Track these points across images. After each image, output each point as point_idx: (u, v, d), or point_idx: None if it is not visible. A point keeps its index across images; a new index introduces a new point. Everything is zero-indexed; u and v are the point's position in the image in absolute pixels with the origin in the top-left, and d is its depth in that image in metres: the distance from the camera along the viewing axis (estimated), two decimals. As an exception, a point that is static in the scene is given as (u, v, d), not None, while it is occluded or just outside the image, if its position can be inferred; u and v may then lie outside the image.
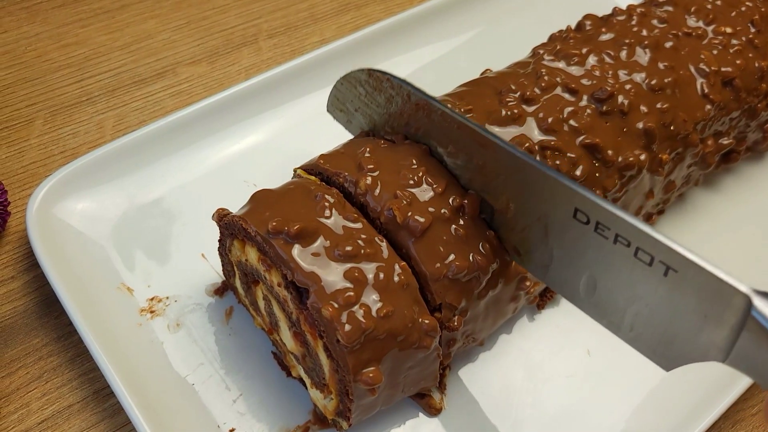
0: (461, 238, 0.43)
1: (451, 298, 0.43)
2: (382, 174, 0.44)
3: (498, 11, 0.73)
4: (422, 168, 0.44)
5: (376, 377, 0.39)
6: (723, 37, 0.54)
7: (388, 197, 0.43)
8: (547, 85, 0.49)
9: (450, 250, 0.43)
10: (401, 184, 0.44)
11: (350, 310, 0.39)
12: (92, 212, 0.54)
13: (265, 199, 0.44)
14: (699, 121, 0.52)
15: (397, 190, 0.43)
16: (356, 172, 0.44)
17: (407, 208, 0.42)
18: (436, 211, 0.43)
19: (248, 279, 0.47)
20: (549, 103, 0.48)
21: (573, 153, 0.47)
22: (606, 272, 0.40)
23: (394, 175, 0.44)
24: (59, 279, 0.48)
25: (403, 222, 0.42)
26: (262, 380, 0.48)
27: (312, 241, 0.41)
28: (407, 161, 0.45)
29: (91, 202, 0.54)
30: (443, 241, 0.43)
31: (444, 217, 0.43)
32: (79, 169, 0.54)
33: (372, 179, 0.44)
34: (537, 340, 0.52)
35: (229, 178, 0.58)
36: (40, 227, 0.51)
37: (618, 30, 0.54)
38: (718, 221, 0.60)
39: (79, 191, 0.54)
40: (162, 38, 0.70)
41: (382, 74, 0.48)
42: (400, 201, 0.43)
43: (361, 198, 0.44)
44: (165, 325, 0.50)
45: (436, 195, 0.44)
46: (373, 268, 0.41)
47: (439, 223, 0.43)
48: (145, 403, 0.44)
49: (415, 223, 0.42)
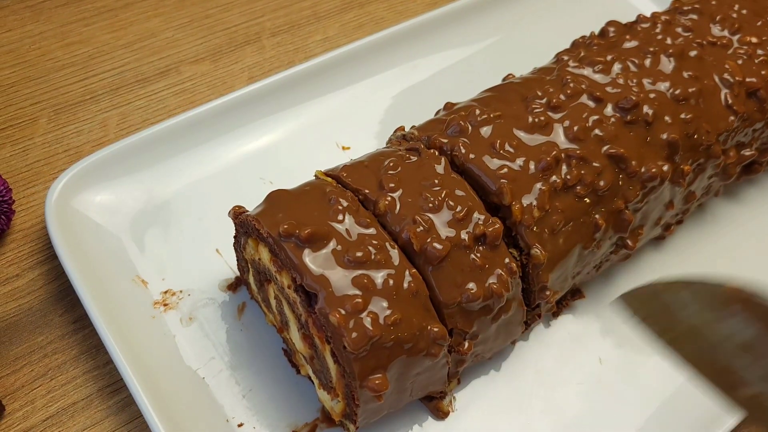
0: (479, 266, 0.43)
1: (463, 324, 0.43)
2: (403, 195, 0.44)
3: (517, 17, 0.72)
4: (445, 189, 0.44)
5: (383, 384, 0.39)
6: (748, 47, 0.53)
7: (407, 222, 0.43)
8: (573, 92, 0.49)
9: (467, 279, 0.42)
10: (421, 207, 0.43)
11: (358, 317, 0.39)
12: (110, 205, 0.55)
13: (279, 200, 0.45)
14: (722, 132, 0.51)
15: (416, 215, 0.43)
16: (377, 191, 0.44)
17: (425, 234, 0.42)
18: (456, 237, 0.43)
19: (261, 277, 0.48)
20: (575, 112, 0.48)
21: (598, 162, 0.47)
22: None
23: (414, 196, 0.44)
24: (75, 269, 0.49)
25: (420, 249, 0.42)
26: (272, 377, 0.49)
27: (323, 245, 0.41)
28: (429, 180, 0.44)
29: (110, 195, 0.55)
30: (460, 269, 0.42)
31: (463, 244, 0.43)
32: (98, 161, 0.55)
33: (391, 200, 0.43)
34: (549, 346, 0.52)
35: (246, 174, 0.58)
36: (58, 218, 0.51)
37: (642, 37, 0.53)
38: (738, 231, 0.59)
39: (98, 184, 0.55)
40: (165, 37, 0.70)
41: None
42: (418, 226, 0.42)
43: (380, 219, 0.44)
44: (178, 319, 0.51)
45: (456, 220, 0.43)
46: (384, 274, 0.41)
47: (458, 250, 0.42)
48: (156, 394, 0.45)
49: (433, 250, 0.42)
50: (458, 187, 0.45)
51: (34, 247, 0.55)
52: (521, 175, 0.45)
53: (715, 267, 0.57)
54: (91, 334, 0.51)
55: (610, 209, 0.47)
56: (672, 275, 0.39)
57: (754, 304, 0.34)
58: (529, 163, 0.46)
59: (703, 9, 0.56)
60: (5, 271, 0.54)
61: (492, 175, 0.45)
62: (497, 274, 0.43)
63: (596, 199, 0.47)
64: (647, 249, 0.57)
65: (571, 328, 0.53)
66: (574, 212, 0.46)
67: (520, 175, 0.45)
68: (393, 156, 0.46)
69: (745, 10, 0.56)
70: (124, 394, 0.49)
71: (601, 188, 0.46)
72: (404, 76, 0.66)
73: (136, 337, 0.48)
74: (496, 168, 0.45)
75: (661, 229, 0.54)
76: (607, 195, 0.47)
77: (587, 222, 0.47)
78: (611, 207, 0.47)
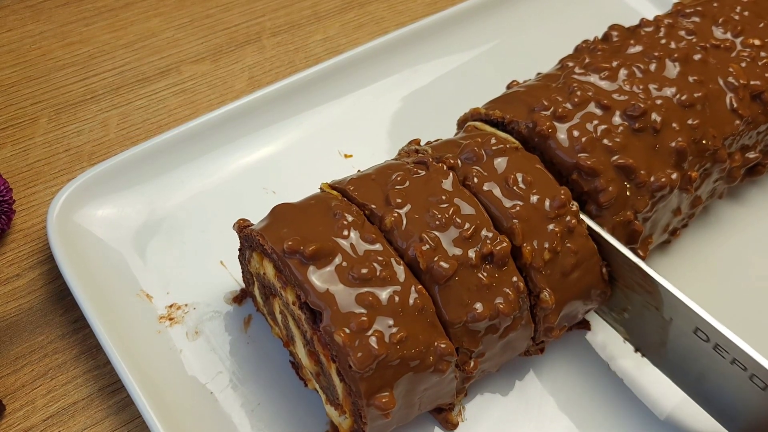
0: (486, 285, 0.42)
1: (468, 343, 0.42)
2: (410, 211, 0.43)
3: (517, 20, 0.72)
4: (453, 206, 0.44)
5: (390, 402, 0.39)
6: (751, 49, 0.53)
7: (413, 239, 0.42)
8: (580, 100, 0.48)
9: (473, 298, 0.42)
10: (428, 224, 0.43)
11: (363, 336, 0.39)
12: (112, 219, 0.54)
13: (284, 215, 0.44)
14: (728, 136, 0.51)
15: (423, 233, 0.42)
16: (383, 206, 0.44)
17: (432, 253, 0.42)
18: (463, 255, 0.42)
19: (266, 291, 0.47)
20: (582, 121, 0.48)
21: (606, 174, 0.46)
22: (718, 378, 0.44)
23: (422, 213, 0.43)
24: (80, 286, 0.49)
25: (426, 268, 0.42)
26: (280, 390, 0.49)
27: (328, 261, 0.41)
28: (437, 196, 0.44)
29: (112, 209, 0.55)
30: (467, 288, 0.42)
31: (470, 263, 0.42)
32: (98, 175, 0.54)
33: (398, 216, 0.43)
34: (557, 354, 0.52)
35: (248, 185, 0.58)
36: (60, 234, 0.51)
37: (646, 42, 0.53)
38: (742, 233, 0.59)
39: (99, 198, 0.54)
40: (166, 36, 0.70)
41: None
42: (425, 244, 0.42)
43: (386, 235, 0.43)
44: (184, 333, 0.50)
45: (463, 238, 0.43)
46: (389, 291, 0.40)
47: (464, 269, 0.42)
48: (164, 411, 0.45)
49: (439, 269, 0.41)
50: (466, 203, 0.44)
51: (34, 247, 0.55)
52: (534, 215, 0.45)
53: (722, 269, 0.56)
54: (91, 333, 0.51)
55: (619, 221, 0.47)
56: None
57: None
58: (543, 201, 0.45)
59: (705, 11, 0.56)
60: (5, 271, 0.54)
61: (504, 213, 0.44)
62: (504, 293, 0.43)
63: (603, 213, 0.47)
64: (654, 253, 0.56)
65: (580, 335, 0.53)
66: (586, 252, 0.46)
67: (532, 214, 0.45)
68: (401, 170, 0.46)
69: (747, 11, 0.55)
70: (124, 393, 0.49)
71: (607, 201, 0.46)
72: (405, 82, 0.66)
73: (143, 354, 0.48)
74: (509, 206, 0.45)
75: (668, 234, 0.54)
76: (614, 206, 0.47)
77: (599, 261, 0.47)
78: (620, 218, 0.47)
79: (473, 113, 0.52)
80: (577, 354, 0.52)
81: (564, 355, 0.52)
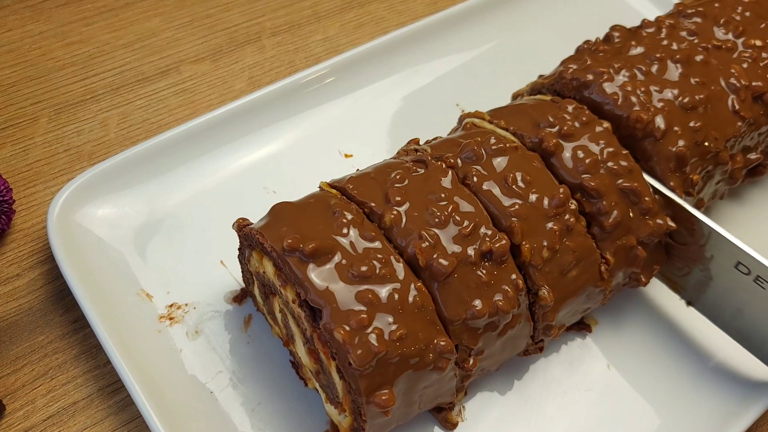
0: (485, 282, 0.42)
1: (468, 340, 0.42)
2: (409, 208, 0.43)
3: (517, 20, 0.72)
4: (452, 204, 0.44)
5: (390, 400, 0.39)
6: (753, 50, 0.53)
7: (413, 237, 0.42)
8: (588, 119, 0.49)
9: (473, 295, 0.42)
10: (427, 222, 0.43)
11: (363, 333, 0.39)
12: (112, 218, 0.54)
13: (283, 213, 0.44)
14: (730, 138, 0.51)
15: (422, 230, 0.42)
16: (383, 204, 0.44)
17: (431, 250, 0.42)
18: (462, 252, 0.42)
19: (266, 290, 0.47)
20: (588, 141, 0.48)
21: (610, 198, 0.46)
22: (757, 312, 0.47)
23: (421, 210, 0.43)
24: (80, 285, 0.49)
25: (425, 265, 0.42)
26: (280, 389, 0.49)
27: (327, 259, 0.41)
28: (436, 194, 0.44)
29: (112, 208, 0.55)
30: (466, 286, 0.42)
31: (469, 260, 0.42)
32: (99, 174, 0.54)
33: (397, 214, 0.43)
34: (556, 353, 0.52)
35: (248, 184, 0.58)
36: (60, 233, 0.51)
37: (648, 43, 0.53)
38: (744, 233, 0.58)
39: (99, 197, 0.54)
40: (166, 36, 0.70)
41: None
42: (424, 242, 0.42)
43: (386, 233, 0.43)
44: (184, 333, 0.50)
45: (463, 236, 0.43)
46: (389, 289, 0.40)
47: (464, 267, 0.42)
48: (165, 411, 0.45)
49: (439, 266, 0.41)
50: (465, 201, 0.44)
51: (34, 246, 0.55)
52: (533, 213, 0.45)
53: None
54: (91, 333, 0.51)
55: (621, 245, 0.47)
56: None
57: None
58: (542, 200, 0.45)
59: (707, 12, 0.56)
60: (5, 271, 0.53)
61: (503, 212, 0.44)
62: (503, 291, 0.43)
63: (606, 236, 0.47)
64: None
65: (578, 334, 0.53)
66: (585, 251, 0.46)
67: (531, 212, 0.45)
68: (400, 168, 0.46)
69: (749, 12, 0.55)
70: (124, 393, 0.49)
71: (611, 224, 0.46)
72: (405, 82, 0.66)
73: (143, 353, 0.48)
74: (508, 205, 0.45)
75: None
76: (617, 230, 0.47)
77: (598, 260, 0.47)
78: (622, 243, 0.47)
79: (477, 116, 0.52)
80: (576, 353, 0.52)
81: (562, 353, 0.52)
